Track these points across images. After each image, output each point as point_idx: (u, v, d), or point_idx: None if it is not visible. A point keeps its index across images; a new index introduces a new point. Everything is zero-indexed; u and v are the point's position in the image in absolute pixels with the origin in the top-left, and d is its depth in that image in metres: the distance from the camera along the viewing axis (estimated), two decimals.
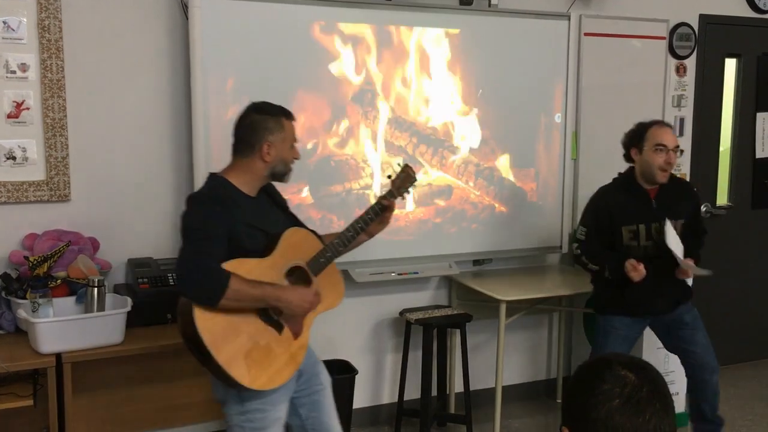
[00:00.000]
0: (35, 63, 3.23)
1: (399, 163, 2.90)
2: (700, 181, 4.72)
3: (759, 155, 5.02)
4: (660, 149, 3.27)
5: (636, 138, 3.35)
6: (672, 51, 4.62)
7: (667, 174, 3.30)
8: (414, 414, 3.86)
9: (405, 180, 2.80)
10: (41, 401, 2.90)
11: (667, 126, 3.38)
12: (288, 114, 2.59)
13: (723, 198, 5.02)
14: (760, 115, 5.00)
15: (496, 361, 3.85)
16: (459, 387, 4.07)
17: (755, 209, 5.06)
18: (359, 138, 3.79)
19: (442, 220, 4.01)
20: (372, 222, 2.72)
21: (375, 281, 3.88)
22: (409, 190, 2.83)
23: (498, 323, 3.79)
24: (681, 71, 4.68)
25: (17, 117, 3.23)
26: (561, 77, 4.19)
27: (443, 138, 3.97)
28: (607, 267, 3.30)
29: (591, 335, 4.31)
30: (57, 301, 3.03)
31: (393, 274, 3.89)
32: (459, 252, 4.07)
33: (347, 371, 3.80)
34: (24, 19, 3.21)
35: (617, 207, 3.34)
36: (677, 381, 4.09)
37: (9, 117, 3.22)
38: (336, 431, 2.76)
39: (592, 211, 3.42)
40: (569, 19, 4.17)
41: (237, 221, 2.42)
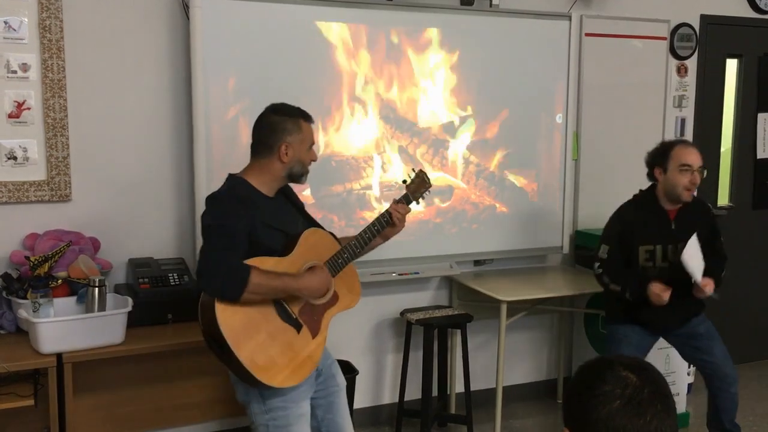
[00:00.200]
0: (36, 63, 3.23)
1: (414, 169, 2.94)
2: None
3: (760, 156, 5.02)
4: (685, 169, 3.25)
5: (660, 157, 3.32)
6: (673, 51, 4.62)
7: (692, 193, 3.30)
8: (415, 414, 3.86)
9: (420, 185, 2.86)
10: (42, 401, 2.90)
11: (692, 146, 3.35)
12: (306, 116, 2.61)
13: (724, 198, 5.02)
14: (761, 116, 5.00)
15: (496, 362, 3.85)
16: (460, 387, 4.07)
17: (756, 210, 5.06)
18: (360, 138, 3.78)
19: (442, 220, 4.00)
20: (387, 225, 2.77)
21: (376, 281, 3.88)
22: (424, 195, 2.88)
23: (499, 324, 3.79)
24: (682, 71, 4.68)
25: (18, 117, 3.23)
26: (562, 77, 4.19)
27: (444, 138, 3.97)
28: (629, 290, 3.27)
29: (592, 336, 4.31)
30: (58, 301, 3.03)
31: (394, 274, 3.89)
32: (460, 252, 4.06)
33: (348, 371, 3.77)
34: (25, 19, 3.21)
35: (637, 225, 3.32)
36: (678, 382, 4.09)
37: (10, 117, 3.22)
38: None
39: (615, 229, 3.38)
40: (570, 20, 4.17)
41: (256, 220, 2.45)
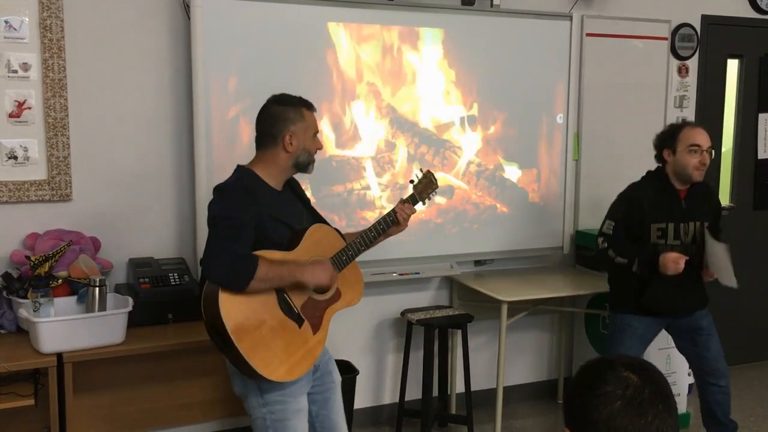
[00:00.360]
0: (37, 62, 3.23)
1: (421, 169, 2.94)
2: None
3: (761, 156, 5.01)
4: (694, 150, 3.28)
5: (669, 139, 3.34)
6: (674, 52, 4.62)
7: (702, 173, 3.31)
8: (415, 414, 3.86)
9: (427, 186, 2.86)
10: (42, 401, 2.90)
11: (700, 126, 3.39)
12: (308, 104, 2.61)
13: (725, 199, 5.01)
14: (762, 116, 4.99)
15: (497, 362, 3.84)
16: (460, 387, 4.07)
17: (757, 210, 5.05)
18: (361, 138, 3.78)
19: (443, 220, 4.00)
20: (393, 225, 2.78)
21: (376, 281, 3.87)
22: (431, 196, 2.89)
23: (499, 324, 3.79)
24: (683, 72, 4.68)
25: (19, 116, 3.23)
26: (563, 78, 4.19)
27: (445, 138, 3.96)
28: (637, 260, 3.25)
29: (592, 336, 4.31)
30: (58, 301, 3.03)
31: (394, 274, 3.89)
32: (460, 252, 4.06)
33: (348, 371, 3.79)
34: (26, 19, 3.21)
35: (649, 202, 3.32)
36: (679, 382, 4.09)
37: (11, 116, 3.22)
38: (343, 430, 2.78)
39: (622, 205, 3.37)
40: (571, 20, 4.17)
41: (263, 213, 2.46)
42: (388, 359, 4.12)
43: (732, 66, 4.92)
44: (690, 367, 3.49)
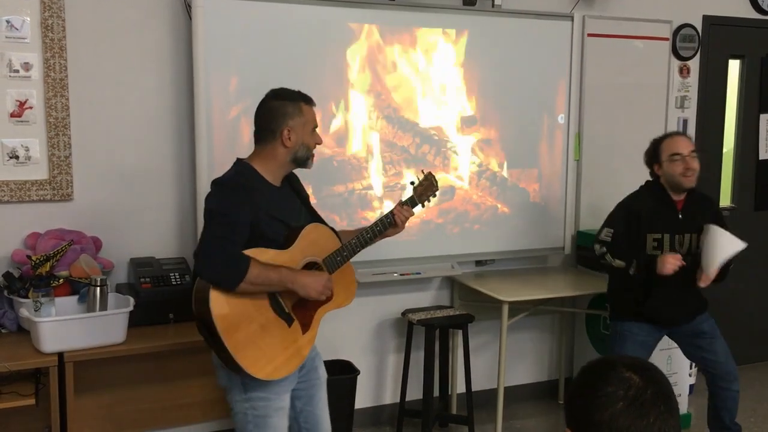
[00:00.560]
0: (38, 62, 3.23)
1: (423, 170, 2.93)
2: (702, 183, 4.68)
3: (762, 157, 5.01)
4: (675, 158, 3.30)
5: (653, 154, 3.40)
6: (675, 52, 4.62)
7: (692, 178, 3.31)
8: (416, 414, 3.86)
9: (427, 188, 2.84)
10: (43, 400, 2.91)
11: (679, 134, 3.41)
12: (307, 99, 2.60)
13: (726, 199, 5.01)
14: (763, 117, 4.99)
15: (498, 362, 3.84)
16: (461, 388, 4.07)
17: (758, 211, 5.05)
18: (362, 138, 3.78)
19: (444, 220, 4.00)
20: (390, 227, 2.76)
21: (377, 281, 3.87)
22: (430, 198, 2.87)
23: (500, 324, 3.78)
24: (684, 72, 4.68)
25: (20, 116, 3.23)
26: (564, 78, 4.19)
27: (446, 138, 3.96)
28: (635, 263, 3.26)
29: (593, 336, 4.31)
30: (59, 301, 3.03)
31: (395, 274, 3.89)
32: (461, 252, 4.06)
33: (349, 371, 3.79)
34: (27, 18, 3.21)
35: (647, 213, 3.34)
36: (680, 382, 4.09)
37: (12, 116, 3.22)
38: (326, 426, 2.77)
39: (621, 215, 3.40)
40: (572, 20, 4.17)
41: (259, 210, 2.45)
42: (389, 359, 4.12)
43: (733, 66, 4.92)
44: (702, 372, 3.47)
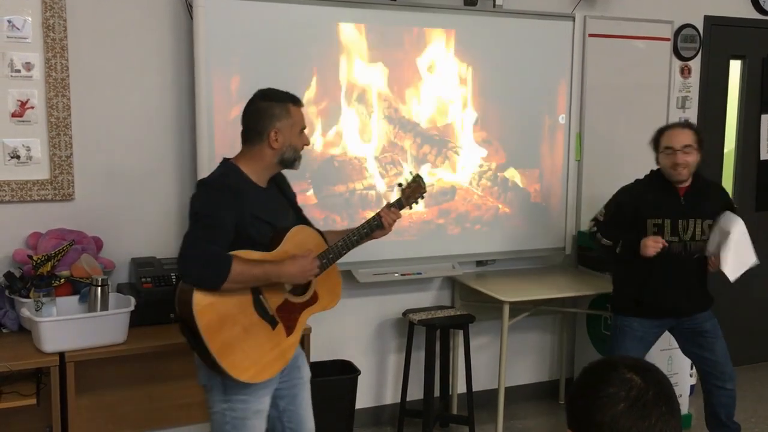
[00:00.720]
0: (40, 62, 3.24)
1: (411, 172, 2.91)
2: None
3: (763, 157, 5.00)
4: (668, 152, 3.32)
5: (655, 143, 3.43)
6: (676, 52, 4.61)
7: (680, 172, 3.31)
8: (416, 415, 3.85)
9: (415, 190, 2.83)
10: (44, 400, 2.90)
11: (678, 127, 3.41)
12: (295, 100, 2.58)
13: None
14: (764, 117, 4.99)
15: (499, 362, 3.84)
16: (462, 388, 4.06)
17: (759, 211, 5.04)
18: (363, 138, 3.78)
19: (445, 220, 4.00)
20: (377, 229, 2.73)
21: (378, 282, 3.88)
22: (418, 201, 2.86)
23: (501, 324, 3.78)
24: (685, 73, 4.68)
25: (22, 116, 3.23)
26: (565, 78, 4.18)
27: (447, 139, 3.96)
28: (621, 242, 3.32)
29: (594, 337, 4.30)
30: (60, 300, 3.03)
31: (396, 274, 3.89)
32: (462, 253, 4.06)
33: (350, 371, 3.79)
34: (29, 18, 3.21)
35: (644, 200, 3.37)
36: (681, 383, 4.09)
37: (13, 116, 3.22)
38: (309, 425, 2.75)
39: (617, 199, 3.49)
40: (574, 20, 4.17)
41: (245, 212, 2.43)
42: (389, 359, 4.12)
43: (734, 67, 4.92)
44: (696, 370, 3.48)
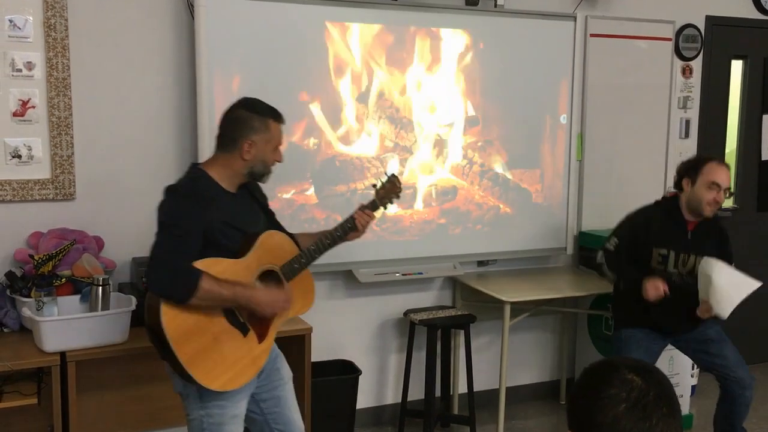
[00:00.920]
0: (41, 61, 3.24)
1: (386, 173, 2.84)
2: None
3: (765, 157, 5.00)
4: (713, 187, 3.27)
5: (692, 169, 3.33)
6: (678, 52, 4.61)
7: (715, 209, 3.31)
8: (417, 415, 3.85)
9: (390, 191, 2.76)
10: (45, 399, 2.91)
11: (725, 165, 3.35)
12: (277, 116, 2.53)
13: (728, 200, 4.99)
14: (766, 117, 4.98)
15: (500, 362, 3.84)
16: (463, 388, 4.07)
17: (761, 212, 5.04)
18: (364, 138, 3.78)
19: (446, 220, 4.00)
20: (351, 231, 2.69)
21: (379, 281, 3.87)
22: (393, 201, 2.79)
23: (502, 324, 3.78)
24: (687, 73, 4.67)
25: (23, 115, 3.24)
26: (566, 78, 4.18)
27: (448, 138, 3.96)
28: (624, 278, 3.29)
29: (595, 337, 4.30)
30: (61, 300, 3.03)
31: (397, 274, 3.89)
32: (463, 253, 4.06)
33: (351, 371, 3.79)
34: (30, 18, 3.21)
35: (656, 227, 3.34)
36: (682, 383, 4.09)
37: (15, 115, 3.22)
38: (297, 424, 2.72)
39: (629, 225, 3.41)
40: (575, 20, 4.17)
41: (214, 219, 2.39)
42: (390, 359, 4.12)
43: (736, 67, 4.91)
44: (716, 379, 3.44)
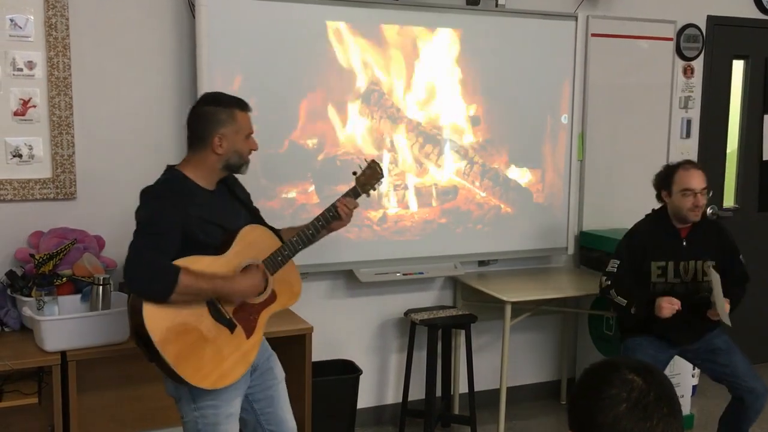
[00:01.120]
0: (42, 61, 3.24)
1: (366, 159, 2.82)
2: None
3: (766, 157, 5.00)
4: (687, 194, 3.29)
5: (664, 181, 3.37)
6: (679, 52, 4.61)
7: (698, 213, 3.31)
8: (418, 414, 3.85)
9: (370, 177, 2.73)
10: (46, 399, 2.91)
11: (694, 168, 3.36)
12: (242, 104, 2.51)
13: (729, 200, 5.00)
14: (767, 117, 4.98)
15: (500, 362, 3.84)
16: (463, 388, 4.07)
17: (762, 211, 5.04)
18: (365, 137, 3.78)
19: (447, 220, 4.00)
20: (333, 220, 2.67)
21: (380, 281, 3.87)
22: (375, 187, 2.76)
23: (503, 324, 3.78)
24: (688, 72, 4.67)
25: (24, 115, 3.24)
26: (568, 78, 4.18)
27: (449, 138, 3.96)
28: (635, 303, 3.28)
29: (596, 337, 4.30)
30: (62, 299, 3.04)
31: (398, 274, 3.89)
32: (464, 252, 4.06)
33: (351, 371, 3.79)
34: (31, 17, 3.21)
35: (651, 241, 3.35)
36: (683, 383, 4.08)
37: (16, 114, 3.22)
38: (290, 424, 2.71)
39: (626, 247, 3.41)
40: (576, 20, 4.16)
41: (191, 216, 2.38)
42: (391, 359, 4.12)
43: (737, 67, 4.91)
44: (729, 392, 3.43)
